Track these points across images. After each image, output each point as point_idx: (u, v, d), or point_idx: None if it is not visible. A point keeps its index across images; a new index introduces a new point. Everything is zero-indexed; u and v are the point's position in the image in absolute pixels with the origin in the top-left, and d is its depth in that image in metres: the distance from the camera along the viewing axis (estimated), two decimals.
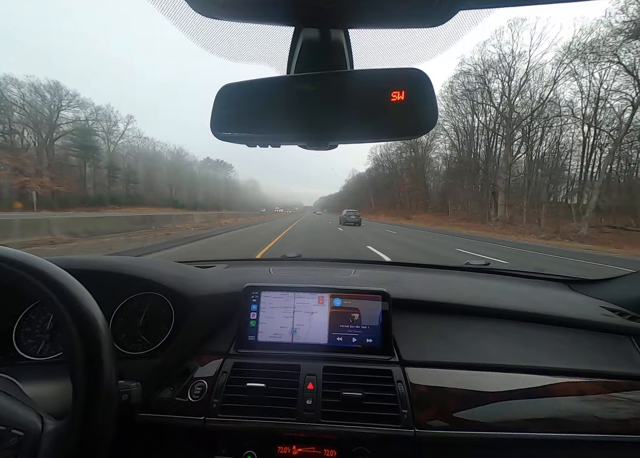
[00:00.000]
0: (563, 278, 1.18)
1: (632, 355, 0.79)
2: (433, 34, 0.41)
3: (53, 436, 0.45)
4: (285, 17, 0.41)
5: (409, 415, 0.66)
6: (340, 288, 0.83)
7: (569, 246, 12.03)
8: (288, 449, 0.67)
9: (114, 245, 7.27)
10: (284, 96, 0.46)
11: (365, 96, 0.44)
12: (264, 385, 0.69)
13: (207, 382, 0.72)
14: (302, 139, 0.49)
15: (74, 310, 0.47)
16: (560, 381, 0.72)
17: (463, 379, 0.72)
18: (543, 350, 0.79)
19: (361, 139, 0.47)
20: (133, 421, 0.66)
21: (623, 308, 0.90)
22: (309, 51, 0.47)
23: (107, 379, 0.47)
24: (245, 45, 0.48)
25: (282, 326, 0.80)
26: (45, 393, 0.59)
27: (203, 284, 0.89)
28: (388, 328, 0.78)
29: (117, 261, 0.87)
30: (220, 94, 0.48)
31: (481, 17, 0.38)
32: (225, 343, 0.81)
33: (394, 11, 0.37)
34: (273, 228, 16.45)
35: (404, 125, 0.45)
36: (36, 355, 0.77)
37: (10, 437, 0.43)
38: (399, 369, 0.73)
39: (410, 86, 0.43)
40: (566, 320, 0.85)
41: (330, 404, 0.68)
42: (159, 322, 0.82)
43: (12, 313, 0.80)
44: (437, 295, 0.92)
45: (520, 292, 1.02)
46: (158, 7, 0.38)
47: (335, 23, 0.43)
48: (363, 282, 1.02)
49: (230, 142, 0.49)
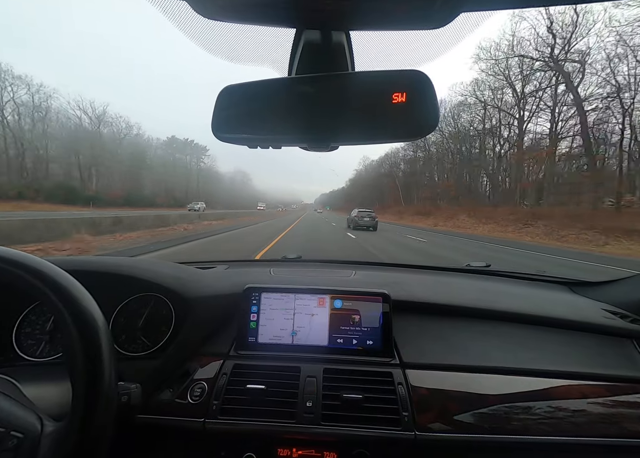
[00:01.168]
0: (564, 280, 1.18)
1: (633, 357, 0.79)
2: (434, 36, 0.41)
3: (52, 438, 0.45)
4: (286, 19, 0.41)
5: (410, 418, 0.66)
6: (341, 290, 0.83)
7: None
8: (288, 451, 0.66)
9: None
10: (285, 98, 0.47)
11: (367, 97, 0.44)
12: (264, 387, 0.69)
13: (207, 384, 0.72)
14: (303, 141, 0.49)
15: (74, 311, 0.47)
16: (561, 384, 0.71)
17: (464, 381, 0.72)
18: (544, 353, 0.79)
19: (362, 141, 0.47)
20: (132, 423, 0.66)
21: (624, 310, 0.90)
22: (310, 53, 0.47)
23: (106, 380, 0.47)
24: (246, 47, 0.48)
25: (283, 328, 0.80)
26: (45, 394, 0.59)
27: (203, 285, 0.89)
28: (388, 330, 0.78)
29: (117, 262, 0.87)
30: (221, 96, 0.48)
31: (482, 19, 0.38)
32: (225, 345, 0.81)
33: (395, 13, 0.37)
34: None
35: (405, 127, 0.45)
36: (36, 356, 0.77)
37: (9, 439, 0.42)
38: (399, 371, 0.73)
39: (411, 88, 0.43)
40: (567, 323, 0.85)
41: (331, 406, 0.67)
42: (159, 323, 0.82)
43: (12, 313, 0.80)
44: (438, 297, 0.92)
45: (521, 294, 1.02)
46: (160, 9, 0.38)
47: (337, 25, 0.43)
48: (363, 284, 1.02)
49: (231, 144, 0.49)
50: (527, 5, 0.35)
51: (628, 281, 1.01)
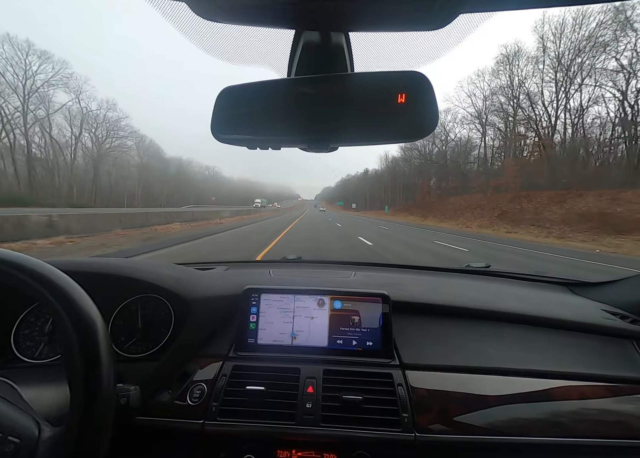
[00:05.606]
0: (564, 280, 1.18)
1: (633, 358, 0.79)
2: (433, 37, 0.41)
3: (50, 443, 0.44)
4: (285, 21, 0.41)
5: (410, 419, 0.66)
6: (341, 291, 0.83)
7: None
8: (288, 453, 0.66)
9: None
10: (285, 99, 0.47)
11: (366, 98, 0.44)
12: (263, 388, 0.68)
13: (206, 385, 0.72)
14: (302, 142, 0.49)
15: (72, 312, 0.47)
16: (561, 385, 0.71)
17: (464, 382, 0.71)
18: (544, 354, 0.79)
19: (362, 142, 0.47)
20: (131, 424, 0.66)
21: (624, 311, 0.90)
22: (310, 54, 0.47)
23: (105, 382, 0.47)
24: (245, 48, 0.48)
25: (283, 330, 0.80)
26: (43, 396, 0.59)
27: (203, 286, 0.89)
28: (388, 331, 0.78)
29: (116, 263, 0.87)
30: (221, 97, 0.48)
31: (482, 20, 0.38)
32: (224, 346, 0.80)
33: (394, 14, 0.37)
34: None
35: (404, 128, 0.45)
36: (34, 358, 0.77)
37: (7, 444, 0.42)
38: (399, 372, 0.73)
39: (410, 89, 0.43)
40: (567, 324, 0.85)
41: (330, 408, 0.67)
42: (158, 325, 0.82)
43: (10, 315, 0.80)
44: (438, 298, 0.92)
45: (521, 295, 1.02)
46: (160, 11, 0.38)
47: (336, 26, 0.43)
48: (363, 284, 1.01)
49: (230, 145, 0.49)
50: (526, 6, 0.35)
51: (628, 281, 1.01)
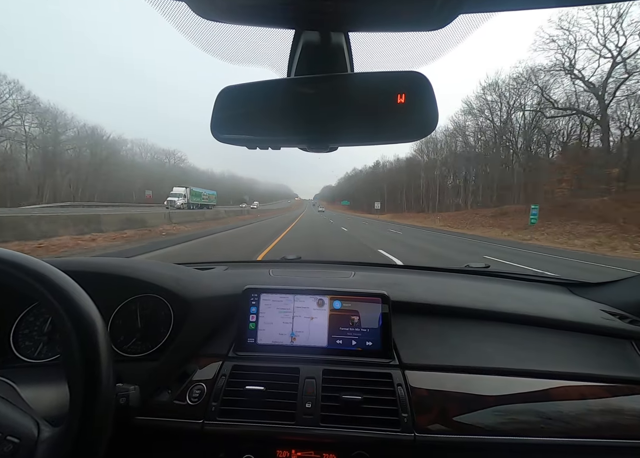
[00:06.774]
0: (563, 281, 1.18)
1: (632, 358, 0.79)
2: (433, 38, 0.41)
3: (49, 443, 0.44)
4: (285, 21, 0.41)
5: (409, 419, 0.66)
6: (340, 291, 0.83)
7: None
8: (287, 453, 0.66)
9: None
10: (284, 99, 0.47)
11: (366, 98, 0.44)
12: (263, 388, 0.68)
13: (205, 385, 0.72)
14: (302, 142, 0.50)
15: (72, 312, 0.47)
16: (560, 385, 0.71)
17: (463, 382, 0.71)
18: (543, 354, 0.79)
19: (361, 142, 0.47)
20: (131, 424, 0.66)
21: (623, 311, 0.90)
22: (310, 54, 0.47)
23: (104, 382, 0.46)
24: (245, 48, 0.48)
25: (282, 330, 0.80)
26: (42, 396, 0.59)
27: (202, 286, 0.89)
28: (388, 331, 0.78)
29: (116, 263, 0.87)
30: (221, 97, 0.48)
31: (481, 21, 0.38)
32: (224, 346, 0.80)
33: (394, 15, 0.37)
34: None
35: (404, 128, 0.45)
36: (34, 357, 0.76)
37: (6, 444, 0.42)
38: (398, 372, 0.73)
39: (410, 89, 0.43)
40: (566, 324, 0.85)
41: (330, 407, 0.67)
42: (157, 324, 0.82)
43: (10, 314, 0.80)
44: (437, 298, 0.92)
45: (520, 295, 1.02)
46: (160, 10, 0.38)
47: (336, 26, 0.43)
48: (363, 284, 1.01)
49: (230, 145, 0.50)
50: (526, 7, 0.35)
51: (627, 282, 1.01)
